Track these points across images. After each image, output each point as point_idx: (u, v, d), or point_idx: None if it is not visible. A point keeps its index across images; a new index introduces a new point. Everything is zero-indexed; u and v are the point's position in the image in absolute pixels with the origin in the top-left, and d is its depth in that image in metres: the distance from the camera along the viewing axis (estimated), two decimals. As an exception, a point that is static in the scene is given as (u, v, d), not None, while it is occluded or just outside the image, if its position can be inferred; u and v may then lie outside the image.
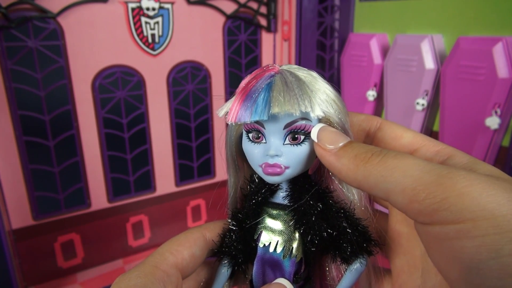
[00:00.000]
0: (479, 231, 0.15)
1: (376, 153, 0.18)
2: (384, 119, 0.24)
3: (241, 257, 0.24)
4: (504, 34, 0.68)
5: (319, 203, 0.23)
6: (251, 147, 0.23)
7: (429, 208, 0.16)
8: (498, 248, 0.14)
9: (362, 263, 0.22)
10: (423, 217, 0.16)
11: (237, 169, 0.25)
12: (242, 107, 0.21)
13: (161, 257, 0.22)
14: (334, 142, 0.20)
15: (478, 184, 0.15)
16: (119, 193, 0.91)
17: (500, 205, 0.15)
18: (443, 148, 0.21)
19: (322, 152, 0.21)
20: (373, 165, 0.18)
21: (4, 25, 0.69)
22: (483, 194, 0.15)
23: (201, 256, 0.24)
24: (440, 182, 0.16)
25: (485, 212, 0.15)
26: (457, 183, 0.15)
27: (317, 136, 0.21)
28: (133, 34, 0.83)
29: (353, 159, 0.19)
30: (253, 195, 0.24)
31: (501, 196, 0.15)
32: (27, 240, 0.82)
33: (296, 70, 0.22)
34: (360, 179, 0.19)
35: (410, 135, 0.22)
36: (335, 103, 0.22)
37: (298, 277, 0.23)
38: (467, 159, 0.19)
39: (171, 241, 0.23)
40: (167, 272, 0.21)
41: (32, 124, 0.77)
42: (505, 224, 0.14)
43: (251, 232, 0.24)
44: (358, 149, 0.19)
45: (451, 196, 0.15)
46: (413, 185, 0.16)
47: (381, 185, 0.18)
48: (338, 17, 1.00)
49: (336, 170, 0.20)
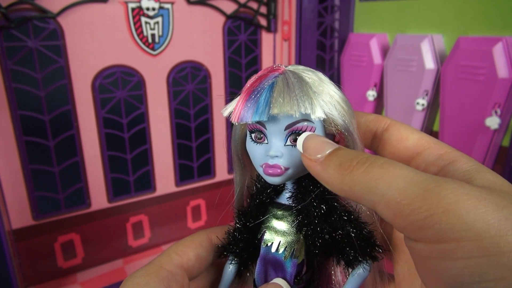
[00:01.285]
0: (463, 253, 0.14)
1: (361, 161, 0.17)
2: (393, 120, 0.23)
3: (245, 255, 0.24)
4: (504, 34, 0.68)
5: (323, 205, 0.22)
6: (253, 147, 0.23)
7: (413, 225, 0.15)
8: (482, 272, 0.13)
9: (365, 268, 0.21)
10: (408, 232, 0.16)
11: (242, 168, 0.25)
12: (245, 107, 0.21)
13: (167, 258, 0.22)
14: (320, 151, 0.19)
15: (467, 200, 0.14)
16: (119, 193, 0.91)
17: (489, 225, 0.13)
18: (448, 152, 0.20)
19: (308, 162, 0.20)
20: (357, 175, 0.17)
21: (4, 25, 0.69)
22: (470, 213, 0.14)
23: (206, 257, 0.24)
24: (426, 196, 0.15)
25: (470, 232, 0.14)
26: (444, 199, 0.14)
27: (302, 146, 0.20)
28: (133, 34, 0.83)
29: (338, 168, 0.18)
30: (259, 195, 0.24)
31: (491, 215, 0.14)
32: (27, 240, 0.82)
33: (302, 71, 0.22)
34: (346, 189, 0.18)
35: (415, 137, 0.21)
36: (339, 105, 0.21)
37: (299, 278, 0.23)
38: (469, 166, 0.18)
39: (178, 243, 0.23)
40: (172, 272, 0.22)
41: (32, 124, 0.77)
42: (492, 247, 0.13)
43: (255, 231, 0.24)
44: (343, 157, 0.18)
45: (436, 214, 0.14)
46: (397, 199, 0.15)
47: (366, 196, 0.17)
48: (338, 17, 1.00)
49: (323, 180, 0.19)
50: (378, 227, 0.23)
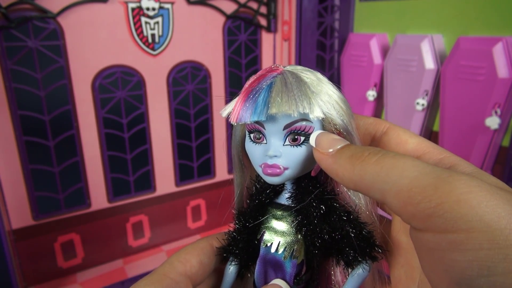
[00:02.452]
0: (473, 244, 0.14)
1: (373, 152, 0.18)
2: (392, 124, 0.23)
3: (245, 256, 0.24)
4: (504, 34, 0.68)
5: (322, 205, 0.22)
6: (252, 147, 0.23)
7: (423, 213, 0.15)
8: (491, 265, 0.13)
9: (365, 268, 0.21)
10: (416, 221, 0.16)
11: (243, 169, 0.25)
12: (243, 107, 0.21)
13: (170, 266, 0.22)
14: (332, 146, 0.20)
15: (479, 192, 0.14)
16: (119, 193, 0.91)
17: (500, 217, 0.13)
18: (448, 157, 0.20)
19: (320, 156, 0.20)
20: (369, 164, 0.17)
21: (4, 25, 0.69)
22: (482, 204, 0.14)
23: (209, 264, 0.24)
24: (438, 185, 0.15)
25: (481, 223, 0.14)
26: (456, 189, 0.14)
27: (315, 141, 0.21)
28: (133, 34, 0.83)
29: (349, 158, 0.18)
30: (258, 195, 0.24)
31: (502, 208, 0.14)
32: (27, 240, 0.82)
33: (300, 72, 0.22)
34: (356, 179, 0.18)
35: (415, 141, 0.21)
36: (338, 105, 0.21)
37: (299, 279, 0.23)
38: (471, 169, 0.18)
39: (180, 251, 0.24)
40: (175, 280, 0.22)
41: (32, 124, 0.77)
42: (501, 239, 0.13)
43: (255, 232, 0.24)
44: (355, 149, 0.19)
45: (447, 202, 0.14)
46: (409, 187, 0.15)
47: (377, 185, 0.17)
48: (338, 17, 1.00)
49: (333, 172, 0.19)
50: (378, 227, 0.23)
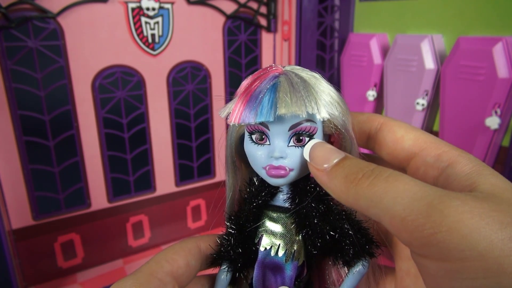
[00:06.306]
0: (468, 273, 0.14)
1: (367, 174, 0.17)
2: (386, 118, 0.23)
3: (240, 261, 0.23)
4: (504, 34, 0.68)
5: (320, 205, 0.22)
6: (254, 149, 0.22)
7: (418, 241, 0.15)
8: None
9: (364, 265, 0.21)
10: (414, 248, 0.16)
11: (236, 171, 0.25)
12: (246, 108, 0.20)
13: (157, 265, 0.21)
14: (327, 160, 0.19)
15: (470, 219, 0.14)
16: (119, 193, 0.91)
17: (492, 245, 0.13)
18: (446, 152, 0.19)
19: (315, 172, 0.20)
20: (362, 188, 0.17)
21: (4, 25, 0.69)
22: (473, 233, 0.14)
23: (195, 266, 0.23)
24: (430, 213, 0.15)
25: (474, 252, 0.13)
26: (447, 217, 0.14)
27: (309, 155, 0.20)
28: (133, 34, 0.83)
29: (343, 180, 0.18)
30: (253, 198, 0.24)
31: (495, 234, 0.13)
32: (27, 240, 0.82)
33: (300, 71, 0.22)
34: (351, 201, 0.18)
35: (411, 137, 0.21)
36: (339, 105, 0.21)
37: (299, 281, 0.23)
38: (470, 168, 0.18)
39: (167, 250, 0.23)
40: (162, 281, 0.21)
41: (32, 124, 0.77)
42: (495, 268, 0.13)
43: (252, 236, 0.24)
44: (349, 169, 0.18)
45: (439, 232, 0.14)
46: (402, 215, 0.15)
47: (371, 210, 0.17)
48: (338, 17, 1.00)
49: (329, 191, 0.19)
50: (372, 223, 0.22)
